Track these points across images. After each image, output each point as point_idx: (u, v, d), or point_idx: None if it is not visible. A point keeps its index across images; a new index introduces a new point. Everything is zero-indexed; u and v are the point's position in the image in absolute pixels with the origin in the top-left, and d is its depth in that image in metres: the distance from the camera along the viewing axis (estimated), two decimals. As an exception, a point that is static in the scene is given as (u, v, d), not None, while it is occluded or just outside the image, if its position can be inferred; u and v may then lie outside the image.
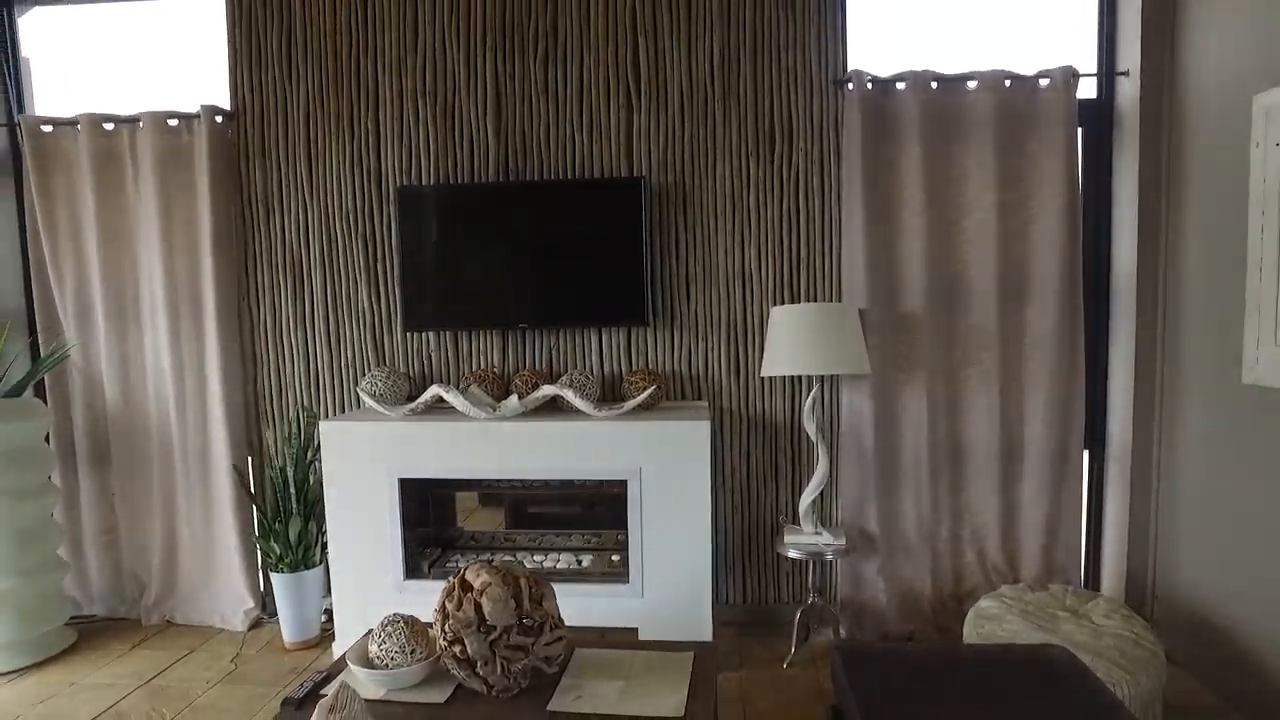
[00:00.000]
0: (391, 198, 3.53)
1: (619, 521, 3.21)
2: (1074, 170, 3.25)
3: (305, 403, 3.70)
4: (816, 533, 3.23)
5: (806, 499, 3.21)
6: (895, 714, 1.94)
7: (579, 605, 3.11)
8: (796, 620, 3.26)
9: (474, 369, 3.56)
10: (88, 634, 3.69)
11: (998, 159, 3.25)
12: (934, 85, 3.25)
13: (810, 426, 3.21)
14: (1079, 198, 3.27)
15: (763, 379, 3.46)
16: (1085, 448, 3.42)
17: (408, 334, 3.60)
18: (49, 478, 3.62)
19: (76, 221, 3.71)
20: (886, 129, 3.30)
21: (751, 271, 3.42)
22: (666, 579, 3.12)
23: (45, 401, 3.78)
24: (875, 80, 3.27)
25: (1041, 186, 3.28)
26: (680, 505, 3.09)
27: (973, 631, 2.88)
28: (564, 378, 3.32)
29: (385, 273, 3.59)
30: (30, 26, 3.86)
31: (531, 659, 2.16)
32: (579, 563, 3.39)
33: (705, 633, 3.09)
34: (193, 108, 3.54)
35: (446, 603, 2.19)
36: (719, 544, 3.56)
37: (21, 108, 3.83)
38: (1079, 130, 3.34)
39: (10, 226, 3.81)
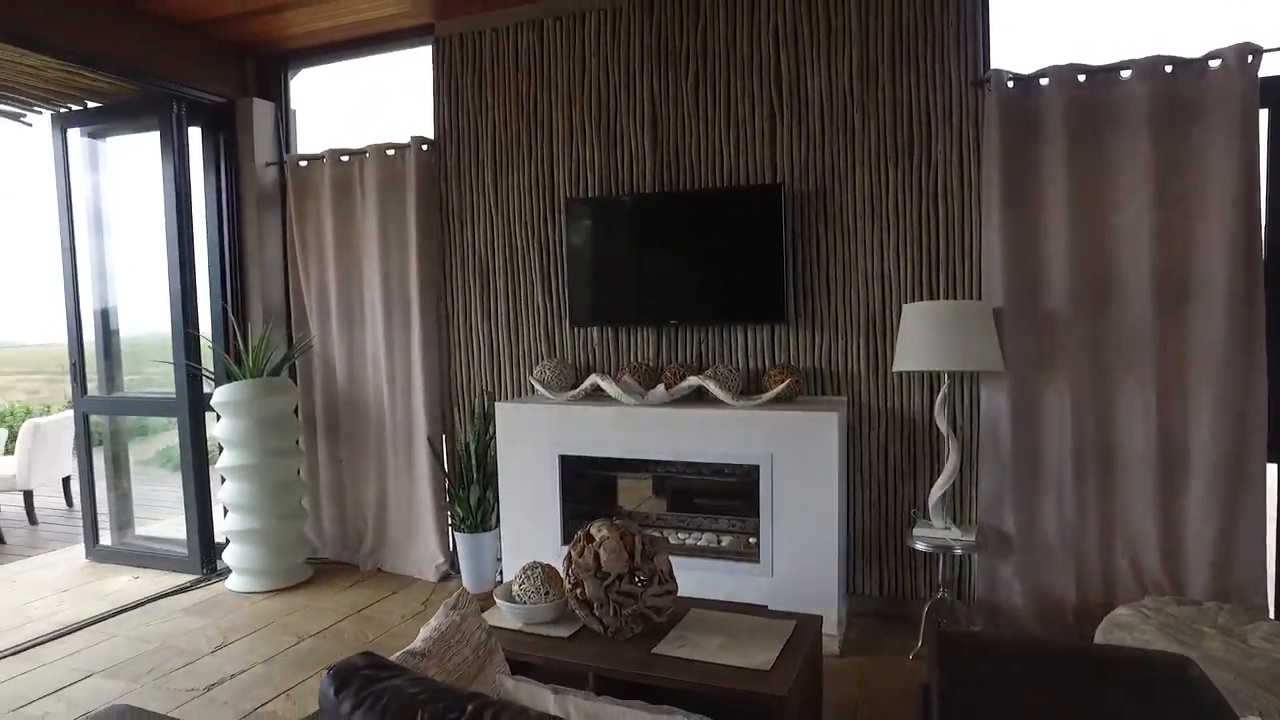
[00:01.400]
0: (561, 209, 4.00)
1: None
2: (1251, 158, 3.04)
3: (488, 387, 4.28)
4: (946, 527, 3.26)
5: (936, 493, 3.26)
6: (972, 695, 2.01)
7: (713, 580, 3.38)
8: (925, 614, 3.30)
9: (631, 361, 3.94)
10: (320, 571, 4.51)
11: (1155, 150, 3.12)
12: (1081, 79, 3.19)
13: (941, 421, 3.26)
14: (1257, 188, 3.05)
15: (900, 375, 3.54)
16: (1273, 460, 3.16)
17: (574, 328, 4.05)
18: (296, 442, 4.47)
19: (320, 237, 4.55)
20: (1028, 126, 3.27)
21: (890, 272, 3.52)
22: (794, 560, 3.32)
23: (295, 381, 4.66)
24: (1016, 79, 3.26)
25: (1208, 177, 3.09)
26: (808, 492, 3.28)
27: (1101, 639, 2.80)
28: (709, 370, 3.62)
29: (556, 275, 4.08)
30: (298, 85, 4.79)
31: (640, 606, 2.48)
32: (719, 542, 3.66)
33: (830, 613, 3.24)
34: (405, 139, 4.24)
35: (573, 551, 2.57)
36: (854, 535, 3.67)
37: (289, 149, 4.76)
38: (1262, 113, 3.10)
39: (277, 243, 4.74)
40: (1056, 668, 2.13)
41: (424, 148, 4.25)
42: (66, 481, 6.44)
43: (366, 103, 4.73)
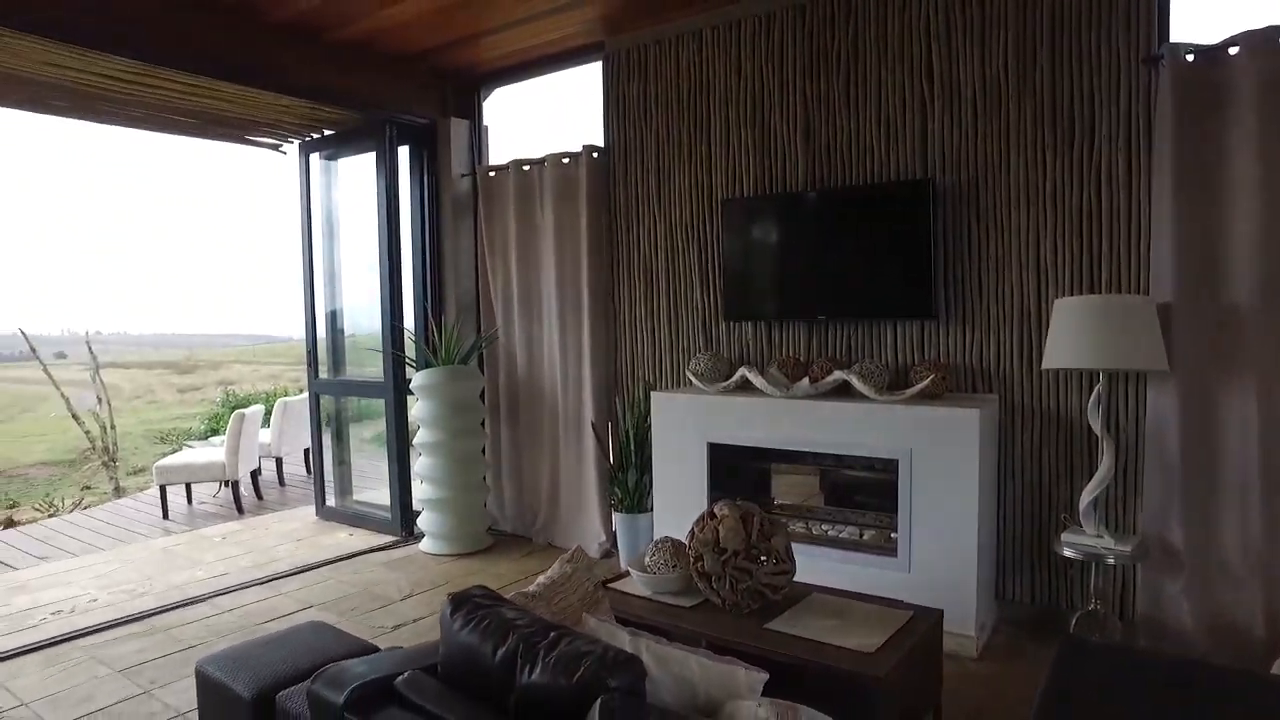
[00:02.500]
0: (718, 209, 4.18)
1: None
2: None
3: (648, 378, 4.55)
4: (1098, 535, 3.09)
5: (1087, 498, 3.10)
6: (1077, 700, 1.96)
7: (851, 572, 3.42)
8: (1073, 625, 3.14)
9: (781, 355, 4.05)
10: (499, 541, 5.01)
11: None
12: None
13: (1095, 422, 3.09)
14: None
15: (1057, 374, 3.38)
16: None
17: (729, 323, 4.22)
18: (481, 424, 5.00)
19: (505, 239, 5.05)
20: (1211, 103, 3.01)
21: (1047, 265, 3.37)
22: (932, 558, 3.28)
23: (482, 369, 5.20)
24: (1198, 51, 3.01)
25: None
26: (948, 489, 3.23)
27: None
28: (855, 365, 3.66)
29: (713, 272, 4.27)
30: (489, 103, 5.34)
31: (755, 583, 2.62)
32: (861, 536, 3.68)
33: (967, 614, 3.19)
34: (577, 148, 4.62)
35: (696, 527, 2.75)
36: (1004, 538, 3.54)
37: (480, 161, 5.31)
38: None
39: (469, 245, 5.32)
40: (1184, 686, 2.02)
41: (594, 155, 4.60)
42: (307, 452, 7.54)
43: (545, 116, 5.19)
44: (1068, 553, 3.08)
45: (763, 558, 2.64)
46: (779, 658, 2.33)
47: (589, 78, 4.73)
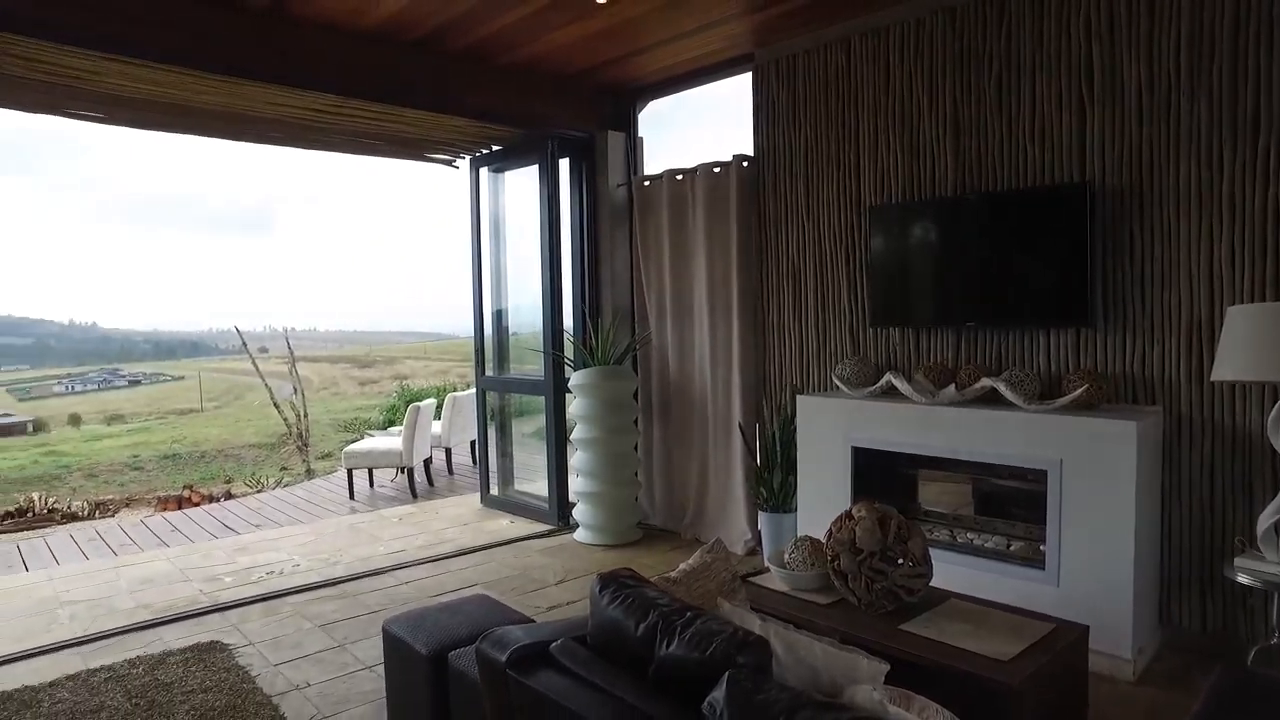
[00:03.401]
0: (865, 215, 4.21)
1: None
2: None
3: (795, 381, 4.64)
4: (1279, 561, 2.89)
5: (1266, 521, 2.90)
6: None
7: (996, 582, 3.38)
8: (1250, 659, 2.96)
9: (928, 361, 4.03)
10: (649, 535, 5.25)
11: None
12: None
13: (1276, 439, 2.90)
14: None
15: (1232, 387, 3.19)
16: None
17: (876, 329, 4.24)
18: (633, 422, 5.26)
19: (658, 246, 5.28)
20: None
21: (1221, 270, 3.18)
22: (1083, 573, 3.19)
23: (635, 370, 5.46)
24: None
25: None
26: (1101, 503, 3.14)
27: None
28: (1005, 373, 3.60)
29: (860, 278, 4.30)
30: (644, 116, 5.60)
31: (889, 583, 2.68)
32: (1008, 546, 3.61)
33: (1122, 635, 3.08)
34: (728, 157, 4.77)
35: (833, 527, 2.85)
36: (1168, 558, 3.37)
37: (636, 172, 5.58)
38: None
39: (624, 252, 5.60)
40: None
41: (744, 164, 4.74)
42: (473, 444, 8.13)
43: (697, 126, 5.38)
44: (1242, 579, 2.91)
45: (899, 560, 2.70)
46: (910, 658, 2.39)
47: (739, 88, 4.88)
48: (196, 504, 8.34)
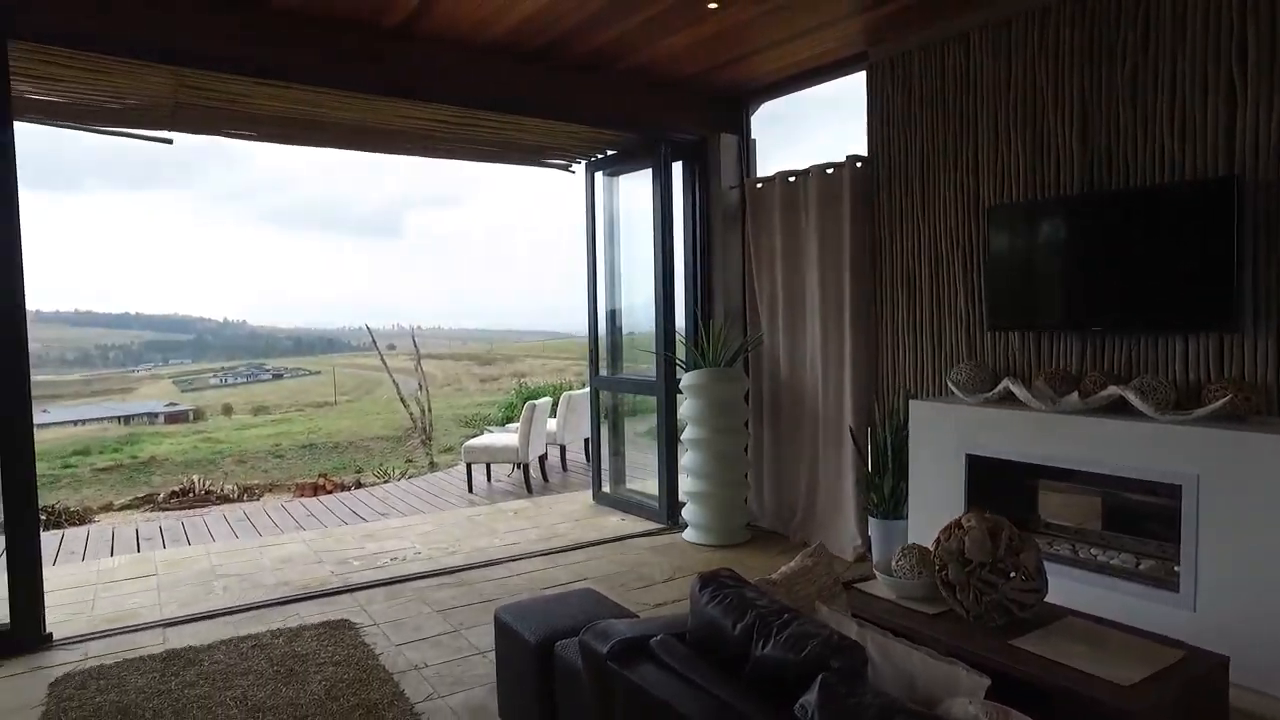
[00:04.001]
0: (984, 216, 4.07)
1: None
2: None
3: (908, 385, 4.53)
4: None
5: None
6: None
7: (1118, 601, 3.21)
8: None
9: (1049, 367, 3.85)
10: (757, 537, 5.25)
11: None
12: None
13: None
14: None
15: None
16: None
17: (994, 333, 4.09)
18: (744, 423, 5.27)
19: (770, 248, 5.26)
20: None
21: (1390, 272, 2.90)
22: (1225, 599, 2.99)
23: (746, 372, 5.46)
24: None
25: None
26: (1251, 523, 2.93)
27: None
28: (1135, 381, 3.40)
29: (978, 280, 4.15)
30: (756, 118, 5.60)
31: (1000, 596, 2.60)
32: (1136, 565, 3.41)
33: (1275, 674, 2.85)
34: (841, 158, 4.71)
35: (941, 535, 2.78)
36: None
37: (748, 174, 5.58)
38: None
39: (736, 254, 5.61)
40: None
41: (858, 165, 4.67)
42: (586, 441, 8.32)
43: (810, 127, 5.33)
44: (1404, 607, 2.65)
45: (1011, 573, 2.61)
46: (1019, 675, 2.31)
47: (853, 87, 4.80)
48: (330, 492, 8.91)
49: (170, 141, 4.96)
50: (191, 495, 10.17)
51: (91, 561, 5.15)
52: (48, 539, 5.17)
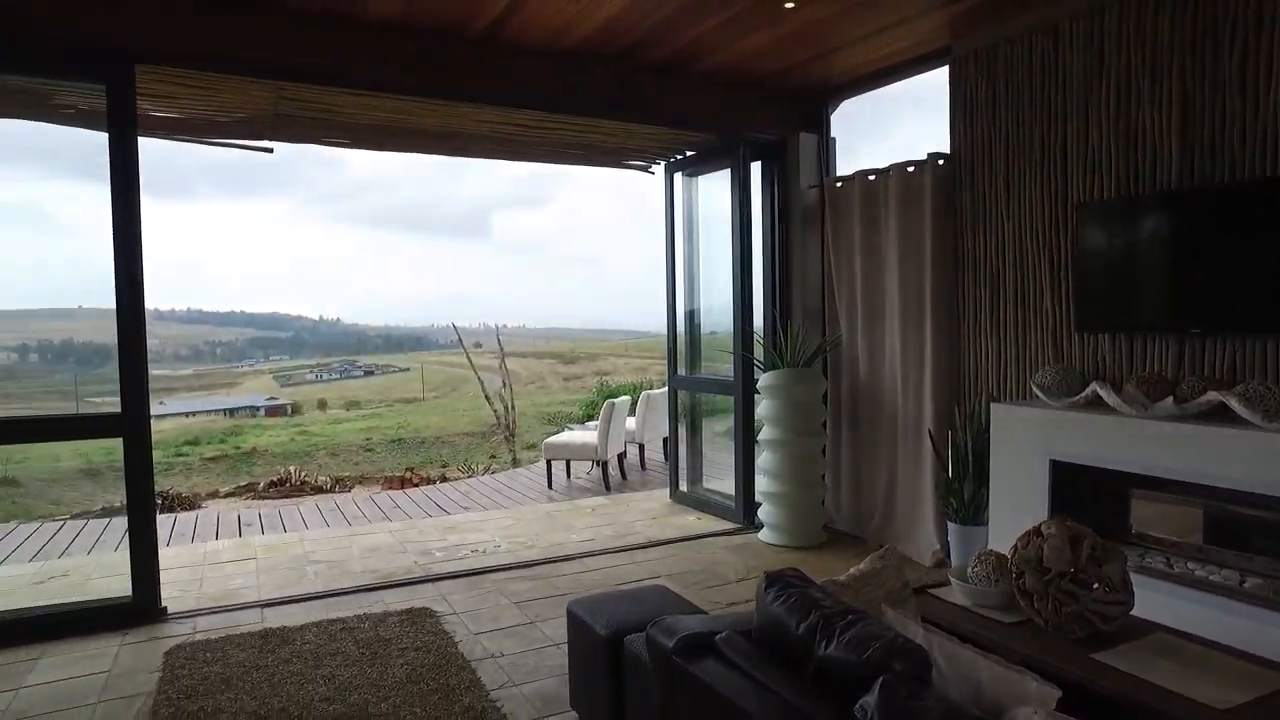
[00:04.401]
0: (1072, 213, 3.92)
1: None
2: None
3: (990, 388, 4.40)
4: None
5: None
6: None
7: (1218, 620, 3.04)
8: None
9: (1142, 371, 3.69)
10: (832, 540, 5.20)
11: None
12: None
13: None
14: None
15: None
16: None
17: (1082, 335, 3.94)
18: (821, 425, 5.22)
19: (850, 248, 5.20)
20: None
21: None
22: (1331, 616, 2.80)
23: (824, 373, 5.40)
24: None
25: None
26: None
27: None
28: (1238, 387, 3.23)
29: (1065, 280, 4.01)
30: (836, 116, 5.54)
31: (1081, 608, 2.52)
32: (1241, 582, 3.23)
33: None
34: (922, 156, 4.61)
35: (1019, 542, 2.72)
36: None
37: (828, 173, 5.53)
38: None
39: (815, 254, 5.56)
40: None
41: (939, 163, 4.56)
42: (664, 440, 8.37)
43: (889, 124, 5.23)
44: None
45: (1094, 584, 2.53)
46: (1099, 689, 2.24)
47: (934, 83, 4.71)
48: (416, 485, 9.25)
49: (271, 150, 5.26)
50: (288, 485, 10.71)
51: (199, 544, 5.51)
52: (162, 522, 5.54)
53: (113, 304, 3.79)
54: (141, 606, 3.91)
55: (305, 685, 3.19)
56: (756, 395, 5.41)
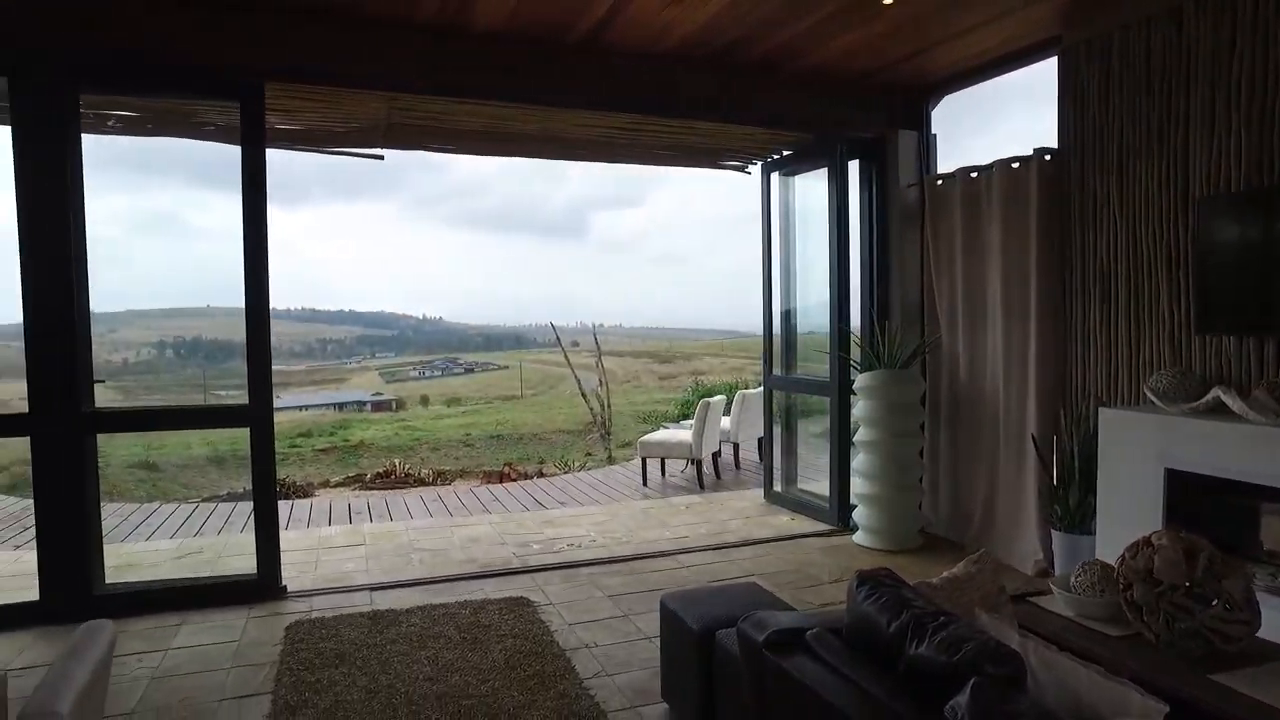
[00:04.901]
0: (1194, 208, 3.72)
1: None
2: None
3: (1099, 392, 4.22)
4: None
5: None
6: None
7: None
8: None
9: (1272, 375, 3.46)
10: (929, 544, 5.09)
11: None
12: None
13: None
14: None
15: None
16: None
17: (1203, 337, 3.73)
18: (919, 427, 5.12)
19: (951, 247, 5.07)
20: None
21: None
22: None
23: (923, 374, 5.29)
24: None
25: None
26: None
27: None
28: (1383, 393, 3.01)
29: (1184, 279, 3.80)
30: (937, 113, 5.41)
31: (1197, 624, 2.41)
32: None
33: None
34: (1028, 151, 4.45)
35: (1127, 553, 2.62)
36: None
37: (928, 171, 5.41)
38: None
39: (914, 253, 5.45)
40: None
41: (1046, 158, 4.40)
42: (759, 440, 8.35)
43: (994, 120, 5.06)
44: None
45: (1213, 600, 2.41)
46: (1215, 710, 2.14)
47: (1040, 76, 4.54)
48: (514, 480, 9.51)
49: (382, 158, 5.53)
50: (393, 477, 11.21)
51: (314, 529, 5.86)
52: (280, 507, 5.91)
53: (236, 303, 4.09)
54: (265, 584, 4.20)
55: (411, 665, 3.37)
56: (853, 396, 5.35)
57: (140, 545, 5.58)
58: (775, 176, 6.13)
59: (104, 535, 4.26)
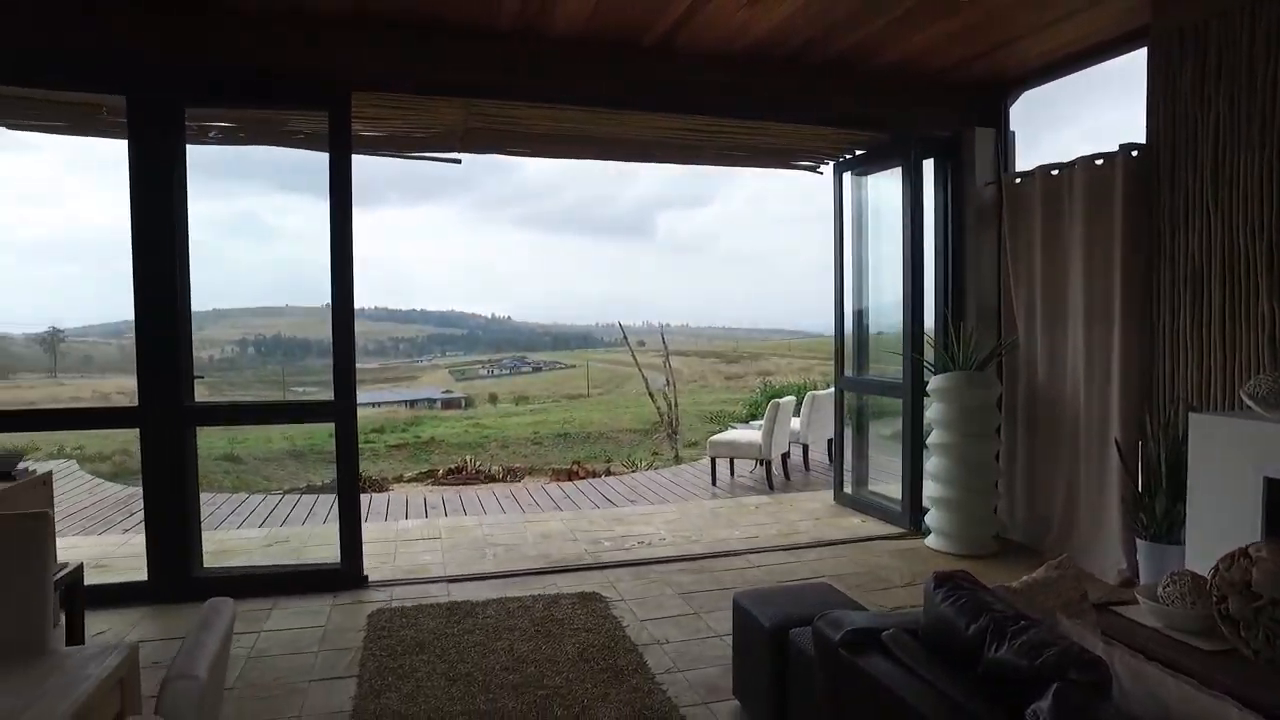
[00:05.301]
0: (1296, 204, 3.55)
1: None
2: None
3: (1189, 397, 4.06)
4: None
5: None
6: None
7: None
8: None
9: (1381, 381, 3.29)
10: (1004, 550, 4.97)
11: None
12: None
13: None
14: None
15: None
16: None
17: (1306, 340, 3.57)
18: (995, 430, 5.01)
19: (1030, 247, 4.95)
20: None
21: None
22: None
23: (999, 376, 5.17)
24: None
25: None
26: None
27: None
28: None
29: (1285, 279, 3.64)
30: (1015, 109, 5.28)
31: (1296, 638, 2.31)
32: None
33: None
34: (1113, 148, 4.31)
35: (1221, 564, 2.53)
36: None
37: (1006, 169, 5.28)
38: None
39: (991, 253, 5.33)
40: None
41: (1133, 154, 4.25)
42: (829, 441, 8.26)
43: (1077, 111, 4.91)
44: None
45: (1313, 613, 2.32)
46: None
47: (1125, 69, 4.40)
48: (582, 478, 9.64)
49: (459, 161, 5.68)
50: (464, 473, 11.48)
51: (391, 522, 6.06)
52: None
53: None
54: (348, 573, 4.38)
55: (487, 655, 3.47)
56: (926, 398, 5.26)
57: (232, 533, 5.88)
58: (848, 176, 6.07)
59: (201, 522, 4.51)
